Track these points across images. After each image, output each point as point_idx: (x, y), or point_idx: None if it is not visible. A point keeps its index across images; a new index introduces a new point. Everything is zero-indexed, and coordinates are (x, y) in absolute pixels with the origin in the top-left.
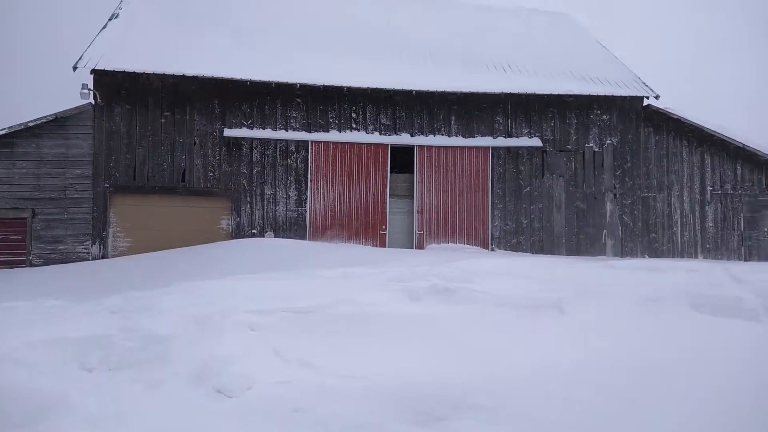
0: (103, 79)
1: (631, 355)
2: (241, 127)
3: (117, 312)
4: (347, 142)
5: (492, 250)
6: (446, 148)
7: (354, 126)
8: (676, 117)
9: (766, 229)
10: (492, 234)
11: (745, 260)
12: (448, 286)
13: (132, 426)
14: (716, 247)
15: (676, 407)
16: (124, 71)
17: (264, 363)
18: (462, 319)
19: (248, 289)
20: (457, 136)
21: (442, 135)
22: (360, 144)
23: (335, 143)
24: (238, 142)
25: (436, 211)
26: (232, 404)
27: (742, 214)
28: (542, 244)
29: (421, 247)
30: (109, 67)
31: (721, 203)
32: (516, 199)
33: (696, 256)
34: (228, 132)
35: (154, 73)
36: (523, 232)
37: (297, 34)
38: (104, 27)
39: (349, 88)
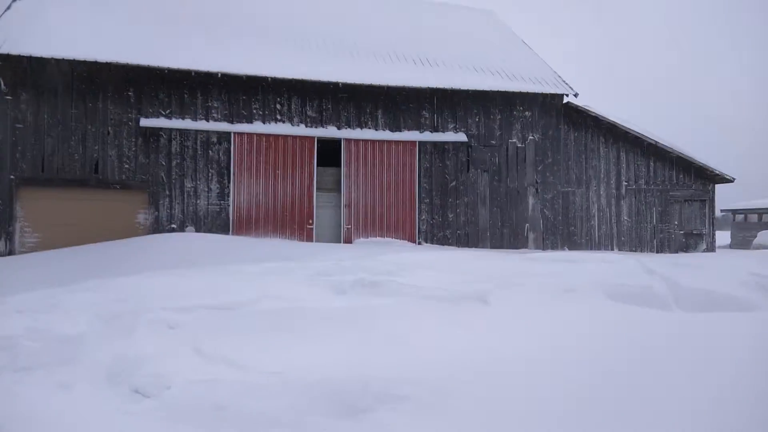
0: (8, 64)
1: (549, 343)
2: (158, 117)
3: (24, 311)
4: (272, 134)
5: (419, 243)
6: (373, 141)
7: (279, 118)
8: (593, 114)
9: (676, 223)
10: (419, 228)
11: (657, 252)
12: (375, 279)
13: (43, 430)
14: (630, 240)
15: (597, 390)
16: (31, 56)
17: (184, 361)
18: (388, 312)
19: (166, 285)
20: (384, 130)
21: (370, 128)
22: (285, 136)
23: (259, 135)
24: (155, 132)
25: (364, 205)
26: (150, 404)
27: (654, 208)
28: (468, 238)
29: (349, 241)
30: (14, 51)
31: (635, 198)
32: (442, 194)
33: (612, 248)
34: (144, 122)
35: (63, 59)
36: (450, 226)
37: (220, 23)
38: (8, 8)
39: (274, 79)
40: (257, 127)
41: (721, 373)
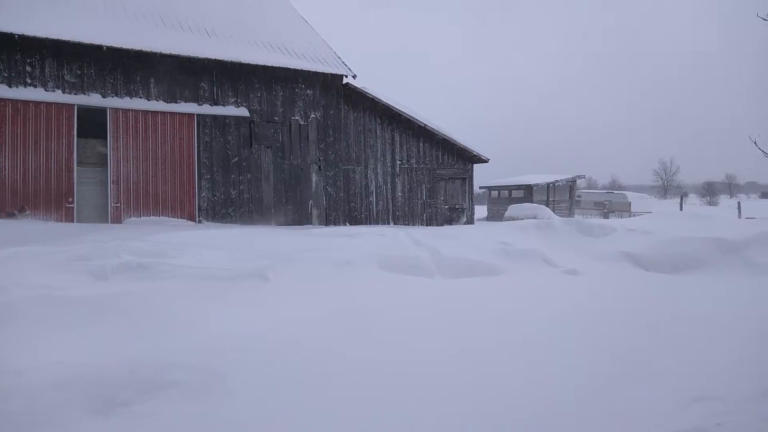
0: None
1: (325, 313)
2: None
3: None
4: (20, 100)
5: (199, 221)
6: (146, 112)
7: (30, 82)
8: (370, 96)
9: (442, 198)
10: (199, 206)
11: (427, 225)
12: (142, 262)
13: None
14: (404, 215)
15: (370, 347)
16: None
17: None
18: (157, 297)
19: None
20: (158, 101)
21: (141, 98)
22: (38, 103)
23: (5, 101)
24: None
25: (136, 181)
26: None
27: (424, 185)
28: (252, 215)
29: (118, 221)
30: None
31: (408, 176)
32: (224, 170)
33: (388, 223)
34: None
35: None
36: (233, 203)
37: None
38: None
39: (22, 36)
40: (2, 91)
41: (473, 321)
